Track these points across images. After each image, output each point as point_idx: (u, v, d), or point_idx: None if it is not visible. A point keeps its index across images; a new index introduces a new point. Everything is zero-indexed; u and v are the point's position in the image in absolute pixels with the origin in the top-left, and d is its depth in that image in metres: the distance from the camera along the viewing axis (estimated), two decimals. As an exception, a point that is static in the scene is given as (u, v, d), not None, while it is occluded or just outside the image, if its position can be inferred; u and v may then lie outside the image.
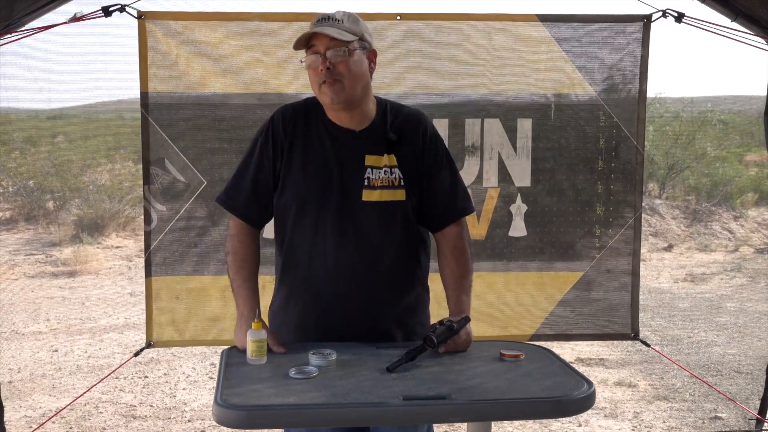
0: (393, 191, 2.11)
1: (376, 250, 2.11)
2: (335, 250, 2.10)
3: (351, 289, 2.11)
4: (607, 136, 3.55)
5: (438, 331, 1.96)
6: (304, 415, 1.64)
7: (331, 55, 2.03)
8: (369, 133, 2.14)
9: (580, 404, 1.73)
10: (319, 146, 2.12)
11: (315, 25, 2.07)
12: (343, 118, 2.13)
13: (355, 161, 2.11)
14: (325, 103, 2.10)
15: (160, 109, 3.38)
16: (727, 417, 4.36)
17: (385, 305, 2.14)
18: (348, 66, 2.04)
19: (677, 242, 10.54)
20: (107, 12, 3.25)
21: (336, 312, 2.12)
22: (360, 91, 2.09)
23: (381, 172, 2.10)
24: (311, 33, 2.05)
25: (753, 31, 3.39)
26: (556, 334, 3.62)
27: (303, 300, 2.16)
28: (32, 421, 4.19)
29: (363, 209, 2.09)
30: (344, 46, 2.04)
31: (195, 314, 3.47)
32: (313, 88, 2.11)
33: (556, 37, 3.47)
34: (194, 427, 4.20)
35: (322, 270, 2.11)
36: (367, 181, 2.09)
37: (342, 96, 2.05)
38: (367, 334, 2.10)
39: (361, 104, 2.12)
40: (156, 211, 3.43)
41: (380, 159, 2.11)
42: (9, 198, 11.89)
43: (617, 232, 3.60)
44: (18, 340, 5.97)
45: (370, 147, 2.12)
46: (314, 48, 2.06)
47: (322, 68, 2.03)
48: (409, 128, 2.17)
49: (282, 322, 2.21)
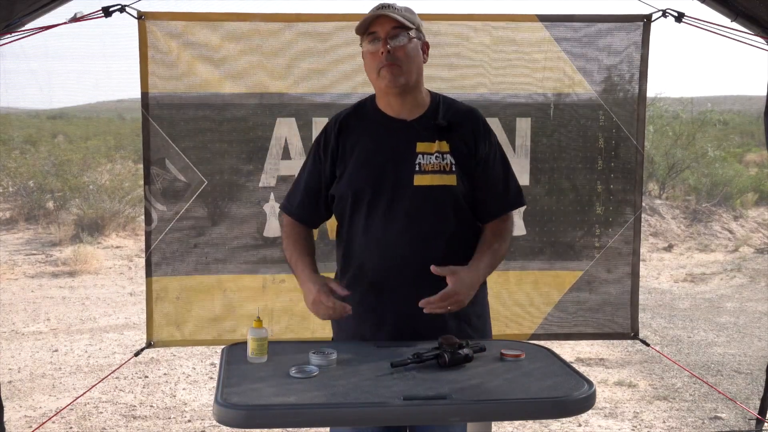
0: (444, 176, 2.15)
1: (426, 235, 2.14)
2: (386, 237, 2.13)
3: (403, 275, 2.13)
4: (607, 135, 3.56)
5: (455, 356, 1.89)
6: (304, 414, 1.64)
7: (392, 41, 2.11)
8: (421, 121, 2.19)
9: (581, 404, 1.73)
10: (371, 138, 2.19)
11: (375, 10, 2.14)
12: (395, 106, 2.19)
13: (407, 148, 2.16)
14: (381, 87, 2.16)
15: (161, 109, 3.38)
16: (727, 417, 4.36)
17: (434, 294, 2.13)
18: (406, 52, 2.13)
19: (677, 242, 10.54)
20: (107, 12, 3.25)
21: (389, 299, 2.15)
22: (415, 78, 2.17)
23: (432, 158, 2.16)
24: (374, 16, 2.12)
25: (753, 31, 3.39)
26: (556, 333, 3.62)
27: (361, 289, 2.18)
28: (32, 421, 4.19)
29: (415, 194, 2.14)
30: (405, 32, 2.12)
31: (195, 314, 3.47)
32: (370, 75, 2.18)
33: (556, 37, 3.47)
34: (194, 427, 4.20)
35: (375, 258, 2.16)
36: (419, 167, 2.15)
37: (400, 80, 2.12)
38: (420, 325, 2.10)
39: (415, 92, 2.19)
40: (156, 211, 3.43)
41: (431, 145, 2.17)
42: (9, 198, 11.88)
43: (617, 231, 3.60)
44: (18, 340, 5.97)
45: (421, 134, 2.18)
46: (375, 34, 2.13)
47: (383, 51, 2.10)
48: (461, 119, 2.23)
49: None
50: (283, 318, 3.50)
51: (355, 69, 3.44)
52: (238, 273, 3.47)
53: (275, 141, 3.43)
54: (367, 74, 2.20)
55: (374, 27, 2.13)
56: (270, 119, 3.42)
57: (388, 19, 2.12)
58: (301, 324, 3.51)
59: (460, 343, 1.91)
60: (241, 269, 3.47)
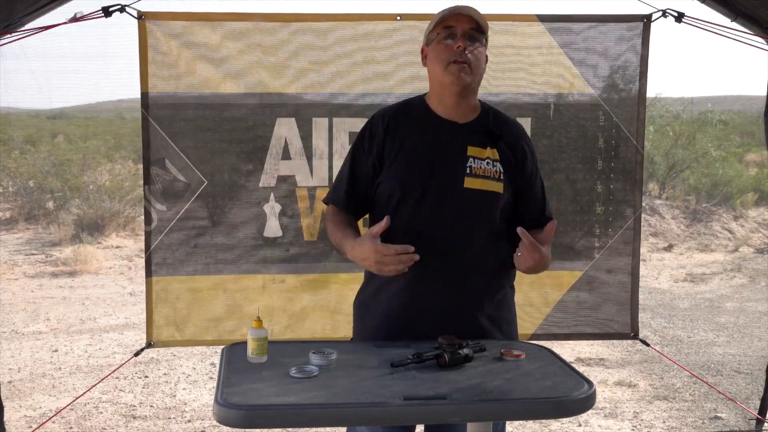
0: (493, 183, 2.15)
1: (470, 238, 2.13)
2: (431, 235, 2.11)
3: (441, 275, 2.11)
4: (607, 135, 3.56)
5: (455, 356, 1.88)
6: (304, 414, 1.64)
7: (469, 38, 2.11)
8: (472, 126, 2.19)
9: (581, 404, 1.73)
10: (421, 136, 2.18)
11: (458, 8, 2.14)
12: (449, 107, 2.19)
13: (459, 150, 2.15)
14: (446, 82, 2.14)
15: (161, 109, 3.38)
16: (727, 417, 4.36)
17: (473, 295, 2.14)
18: (477, 54, 2.13)
19: (677, 242, 10.54)
20: (107, 12, 3.25)
21: (424, 298, 2.13)
22: (477, 82, 2.18)
23: (483, 163, 2.15)
24: (455, 11, 2.12)
25: (753, 31, 3.39)
26: (556, 333, 3.62)
27: (398, 285, 2.14)
28: (32, 421, 4.19)
29: (463, 196, 2.13)
30: (480, 35, 2.14)
31: (195, 314, 3.47)
32: (435, 68, 2.15)
33: (556, 37, 3.47)
34: (194, 427, 4.20)
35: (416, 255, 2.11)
36: (470, 170, 2.14)
37: (466, 79, 2.12)
38: (451, 324, 2.08)
39: (470, 96, 2.20)
40: (156, 211, 3.43)
41: (483, 151, 2.16)
42: (9, 198, 11.88)
43: (617, 231, 3.60)
44: (18, 340, 5.97)
45: (473, 138, 2.17)
46: (452, 29, 2.12)
47: (461, 45, 2.10)
48: (510, 131, 2.23)
49: (373, 308, 2.22)
50: (283, 318, 3.50)
51: (355, 69, 3.44)
52: (238, 273, 3.47)
53: (275, 141, 3.43)
54: (430, 68, 2.18)
55: (452, 22, 2.12)
56: (270, 119, 3.42)
57: (469, 18, 2.12)
58: (301, 324, 3.51)
59: (460, 343, 1.91)
60: (241, 269, 3.47)
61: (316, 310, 3.51)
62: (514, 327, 2.30)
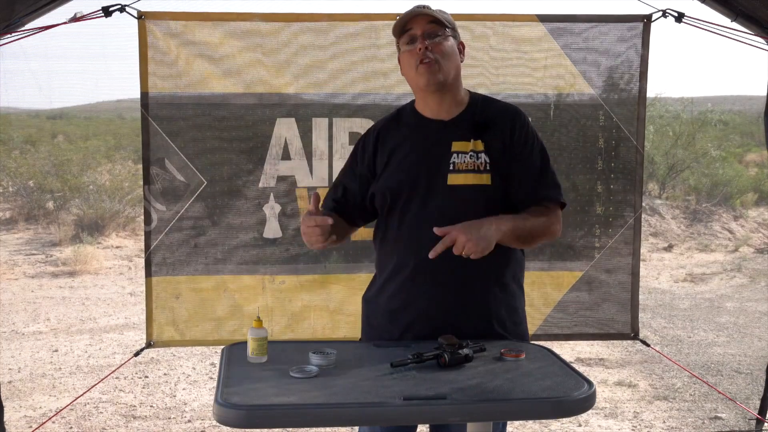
0: (478, 175, 2.13)
1: None
2: (420, 235, 2.10)
3: (436, 274, 2.10)
4: (607, 135, 3.55)
5: (455, 356, 1.88)
6: (304, 414, 1.64)
7: (429, 38, 2.12)
8: (458, 121, 2.19)
9: (581, 404, 1.72)
10: (409, 140, 2.19)
11: (411, 11, 2.15)
12: (433, 106, 2.19)
13: (443, 148, 2.15)
14: (420, 85, 2.15)
15: (160, 109, 3.38)
16: (727, 417, 4.36)
17: (468, 295, 2.13)
18: (443, 49, 2.13)
19: (677, 242, 10.54)
20: (107, 12, 3.25)
21: (422, 297, 2.13)
22: (453, 76, 2.16)
23: (467, 156, 2.14)
24: (410, 15, 2.14)
25: (753, 31, 3.39)
26: (556, 334, 3.62)
27: (393, 287, 2.18)
28: (32, 421, 4.19)
29: (448, 193, 2.12)
30: (441, 30, 2.14)
31: (195, 314, 3.47)
32: (409, 73, 2.18)
33: (556, 37, 3.47)
34: (194, 427, 4.20)
35: (409, 256, 2.14)
36: (453, 166, 2.13)
37: (438, 76, 2.12)
38: (451, 324, 2.08)
39: (452, 90, 2.18)
40: (156, 211, 3.43)
41: (467, 144, 2.15)
42: (9, 198, 11.89)
43: (617, 231, 3.60)
44: (18, 340, 5.97)
45: (457, 133, 2.16)
46: (411, 31, 2.14)
47: (420, 47, 2.11)
48: (500, 117, 2.20)
49: (374, 309, 2.25)
50: (283, 318, 3.50)
51: (355, 69, 3.44)
52: (238, 273, 3.47)
53: (275, 141, 3.43)
54: (405, 75, 2.20)
55: (410, 25, 2.14)
56: (270, 119, 3.42)
57: (424, 17, 2.13)
58: (301, 324, 3.51)
59: (460, 343, 1.91)
60: (241, 269, 3.47)
61: (316, 310, 3.52)
62: (523, 329, 2.27)
